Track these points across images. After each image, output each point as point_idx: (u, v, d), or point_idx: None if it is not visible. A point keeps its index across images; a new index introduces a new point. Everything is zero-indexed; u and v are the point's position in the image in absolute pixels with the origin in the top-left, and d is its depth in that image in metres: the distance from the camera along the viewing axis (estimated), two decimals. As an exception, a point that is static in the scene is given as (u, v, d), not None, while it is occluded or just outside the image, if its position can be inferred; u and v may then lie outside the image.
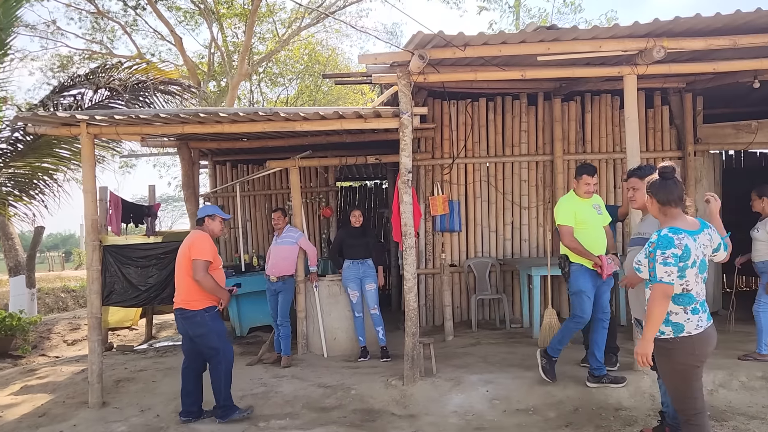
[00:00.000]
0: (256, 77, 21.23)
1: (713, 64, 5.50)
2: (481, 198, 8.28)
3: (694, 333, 3.19)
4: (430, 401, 5.15)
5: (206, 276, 4.81)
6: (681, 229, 3.18)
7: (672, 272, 3.12)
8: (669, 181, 3.28)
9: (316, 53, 21.50)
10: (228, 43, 19.14)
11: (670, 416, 4.10)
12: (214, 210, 5.18)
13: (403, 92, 5.37)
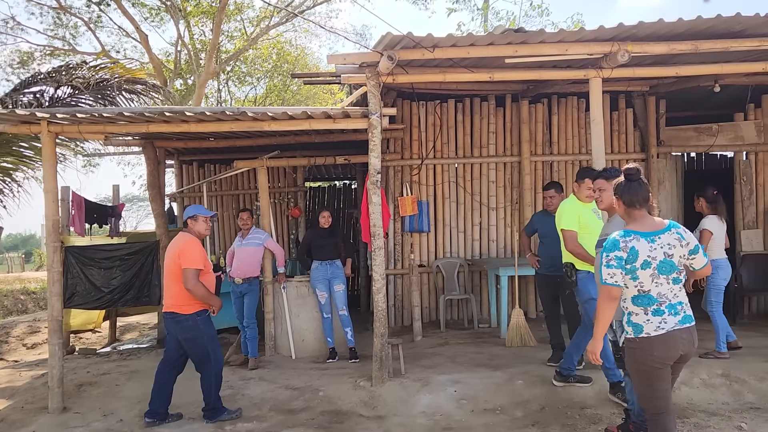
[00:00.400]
0: (224, 76, 20.99)
1: (675, 68, 5.62)
2: (450, 199, 8.32)
3: (653, 334, 3.22)
4: (399, 402, 5.15)
5: (197, 285, 4.77)
6: (632, 231, 3.24)
7: (615, 274, 3.21)
8: (634, 183, 3.33)
9: (285, 52, 21.36)
10: (195, 41, 18.89)
11: (635, 413, 4.18)
12: (196, 210, 5.08)
13: (372, 93, 5.37)
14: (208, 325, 4.95)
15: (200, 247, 4.92)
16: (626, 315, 3.34)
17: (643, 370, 3.28)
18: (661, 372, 3.27)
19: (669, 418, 3.33)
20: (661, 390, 3.29)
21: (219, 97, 21.62)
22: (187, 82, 20.22)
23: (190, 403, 5.34)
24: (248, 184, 9.69)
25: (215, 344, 4.98)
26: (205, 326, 4.91)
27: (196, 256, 4.80)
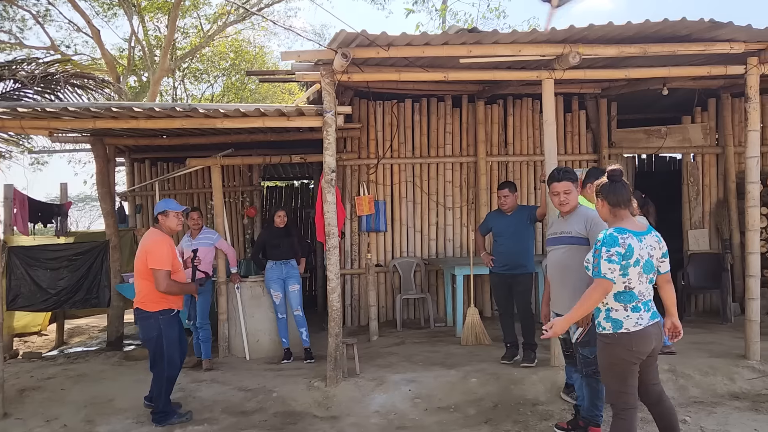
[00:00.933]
0: (180, 73, 20.58)
1: (625, 71, 5.74)
2: (407, 198, 8.33)
3: (632, 330, 3.31)
4: (353, 402, 5.11)
5: (170, 284, 4.69)
6: (626, 230, 3.32)
7: (615, 269, 3.26)
8: (618, 184, 3.42)
9: (243, 51, 21.08)
10: (149, 36, 18.45)
11: (584, 409, 4.24)
12: (166, 205, 4.93)
13: (326, 91, 5.32)
14: (171, 326, 4.82)
15: (168, 246, 4.77)
16: (604, 311, 3.39)
17: (618, 364, 3.35)
18: (634, 367, 3.36)
19: (636, 414, 3.42)
20: (632, 386, 3.38)
21: (174, 95, 21.19)
22: (142, 79, 19.75)
23: (140, 406, 5.20)
24: (202, 183, 9.51)
25: (174, 347, 4.84)
26: (167, 327, 4.79)
27: (163, 256, 4.69)
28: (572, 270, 4.12)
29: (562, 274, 4.22)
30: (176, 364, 4.90)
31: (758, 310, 5.55)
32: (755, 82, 5.52)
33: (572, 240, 4.18)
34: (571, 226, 4.21)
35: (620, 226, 3.37)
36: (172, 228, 4.89)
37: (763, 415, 4.52)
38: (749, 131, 5.52)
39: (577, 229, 4.16)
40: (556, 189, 4.23)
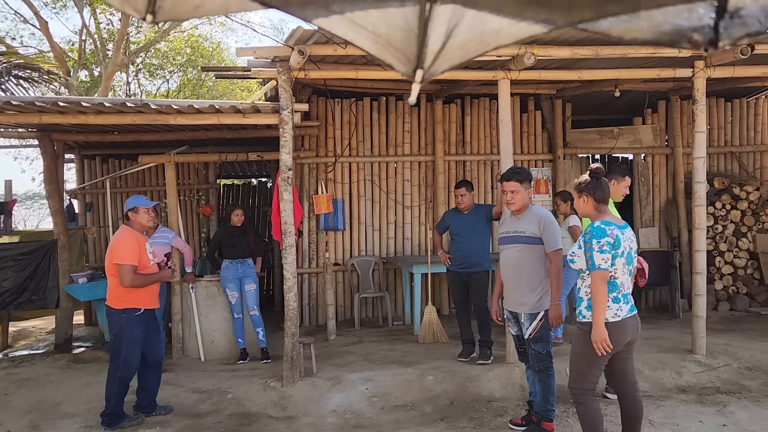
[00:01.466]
0: (134, 68, 20.09)
1: (579, 72, 5.85)
2: (365, 197, 8.32)
3: (611, 320, 3.41)
4: (310, 401, 5.08)
5: (135, 279, 4.59)
6: (611, 222, 3.45)
7: (608, 259, 3.38)
8: (601, 181, 3.54)
9: (200, 47, 20.70)
10: (101, 30, 17.94)
11: (537, 404, 4.31)
12: (136, 201, 4.83)
13: (283, 88, 5.26)
14: (134, 326, 4.68)
15: (134, 242, 4.67)
16: (586, 300, 3.50)
17: (593, 353, 3.42)
18: (606, 358, 3.46)
19: (594, 397, 3.55)
20: (596, 375, 3.52)
21: (128, 91, 20.67)
22: (93, 73, 19.20)
23: (89, 409, 5.05)
24: (156, 181, 9.30)
25: (133, 349, 4.71)
26: (129, 327, 4.66)
27: (128, 252, 4.60)
28: (527, 268, 4.23)
29: (516, 272, 4.29)
30: (131, 366, 4.75)
31: (704, 306, 5.74)
32: (702, 85, 5.70)
33: (527, 239, 4.25)
34: (525, 226, 4.27)
35: (606, 219, 3.49)
36: (143, 224, 4.84)
37: (707, 407, 4.67)
38: (696, 133, 5.70)
39: (531, 229, 4.24)
40: (504, 188, 4.32)
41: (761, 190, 8.42)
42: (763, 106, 9.05)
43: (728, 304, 8.28)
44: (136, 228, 4.80)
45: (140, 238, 4.77)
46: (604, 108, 9.34)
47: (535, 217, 4.26)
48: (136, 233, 4.77)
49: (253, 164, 11.35)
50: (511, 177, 4.30)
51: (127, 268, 4.57)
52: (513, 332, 4.46)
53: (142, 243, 4.74)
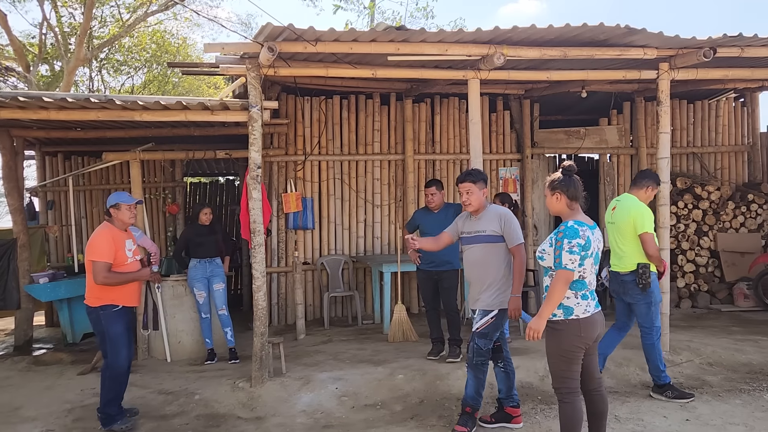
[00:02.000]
0: (97, 63, 19.64)
1: (547, 73, 5.92)
2: (335, 195, 8.28)
3: (581, 317, 3.46)
4: (279, 402, 5.03)
5: (108, 276, 4.49)
6: (584, 223, 3.47)
7: (575, 260, 3.40)
8: (573, 178, 3.55)
9: (166, 42, 20.34)
10: (63, 24, 17.48)
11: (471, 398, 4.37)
12: (117, 198, 4.70)
13: (252, 85, 5.20)
14: (113, 323, 4.57)
15: (110, 239, 4.56)
16: None
17: (568, 350, 3.48)
18: (581, 353, 3.51)
19: (579, 397, 3.55)
20: (576, 371, 3.53)
21: (91, 86, 20.20)
22: (54, 68, 18.72)
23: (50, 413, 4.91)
24: (120, 178, 9.10)
25: (117, 345, 4.58)
26: (109, 323, 4.56)
27: (103, 249, 4.51)
28: (491, 267, 4.29)
29: (480, 271, 4.34)
30: (119, 363, 4.61)
31: (668, 303, 5.86)
32: (666, 87, 5.82)
33: (488, 238, 4.30)
34: (486, 225, 4.32)
35: (577, 219, 3.50)
36: (125, 221, 4.71)
37: (671, 403, 4.76)
38: (660, 133, 5.82)
39: (492, 228, 4.29)
40: (459, 190, 4.39)
41: (722, 189, 8.65)
42: (724, 108, 9.29)
43: (690, 301, 8.49)
44: (117, 225, 4.68)
45: (118, 236, 4.65)
46: (571, 109, 9.48)
47: (495, 216, 4.32)
48: (115, 230, 4.66)
49: (220, 162, 11.22)
50: (464, 178, 4.36)
51: (100, 266, 4.49)
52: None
53: (119, 240, 4.63)
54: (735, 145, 9.29)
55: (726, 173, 9.20)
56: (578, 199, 3.56)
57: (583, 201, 3.62)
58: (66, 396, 5.37)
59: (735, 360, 5.64)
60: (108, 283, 4.52)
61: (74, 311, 7.35)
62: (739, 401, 4.75)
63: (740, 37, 5.32)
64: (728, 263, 8.57)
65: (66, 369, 6.30)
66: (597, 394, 3.65)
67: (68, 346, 7.33)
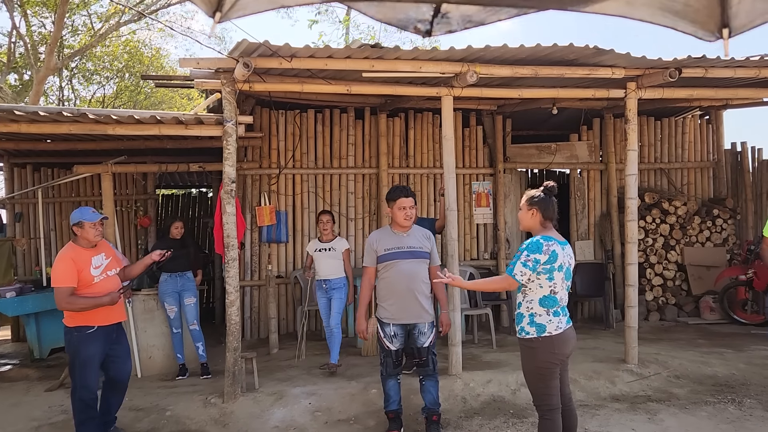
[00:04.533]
0: (68, 73, 19.38)
1: (518, 91, 6.03)
2: (309, 209, 8.29)
3: (554, 333, 3.51)
4: (252, 417, 5.00)
5: (70, 302, 4.29)
6: (552, 237, 3.55)
7: (525, 273, 3.49)
8: (552, 199, 3.66)
9: (139, 52, 20.16)
10: (33, 32, 17.23)
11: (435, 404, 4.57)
12: (81, 215, 4.46)
13: (227, 100, 5.21)
14: (87, 345, 4.37)
15: (71, 262, 4.33)
16: (528, 316, 3.56)
17: (542, 367, 3.53)
18: (556, 369, 3.56)
19: (559, 414, 3.59)
20: (554, 387, 3.57)
21: (61, 95, 19.91)
22: (23, 77, 18.43)
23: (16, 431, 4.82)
24: (91, 191, 8.98)
25: (88, 368, 4.40)
26: (82, 345, 4.37)
27: (63, 273, 4.30)
28: (424, 281, 4.48)
29: (415, 285, 4.43)
30: (89, 386, 4.42)
31: (636, 317, 5.98)
32: (633, 105, 5.98)
33: (421, 254, 4.49)
34: (417, 242, 4.50)
35: (549, 234, 3.59)
36: (90, 239, 4.46)
37: (639, 415, 4.86)
38: (628, 150, 5.96)
39: (424, 244, 4.51)
40: (404, 204, 4.45)
41: (688, 204, 8.86)
42: (690, 125, 9.54)
43: (658, 314, 8.66)
44: (81, 244, 4.47)
45: (82, 255, 4.43)
46: (543, 124, 9.64)
47: (423, 234, 4.56)
48: (78, 250, 4.45)
49: (193, 174, 11.14)
50: (409, 194, 4.51)
51: (61, 291, 4.29)
52: (394, 347, 4.48)
53: (83, 260, 4.41)
54: (700, 161, 9.54)
55: (692, 188, 9.44)
56: (552, 219, 3.67)
57: (555, 221, 3.72)
58: (33, 413, 5.27)
59: (701, 372, 5.77)
60: (71, 308, 4.33)
61: (42, 326, 7.22)
62: (704, 413, 4.87)
63: (704, 59, 5.50)
64: (695, 277, 8.78)
65: (33, 385, 6.17)
66: (566, 409, 3.71)
67: (35, 361, 7.19)
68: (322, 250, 6.39)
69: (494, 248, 8.81)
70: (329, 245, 6.40)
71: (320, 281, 6.40)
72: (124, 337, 4.76)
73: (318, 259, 6.39)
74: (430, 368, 4.49)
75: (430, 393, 4.55)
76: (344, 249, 6.44)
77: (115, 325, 4.58)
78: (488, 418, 4.88)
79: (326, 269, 6.36)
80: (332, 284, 6.36)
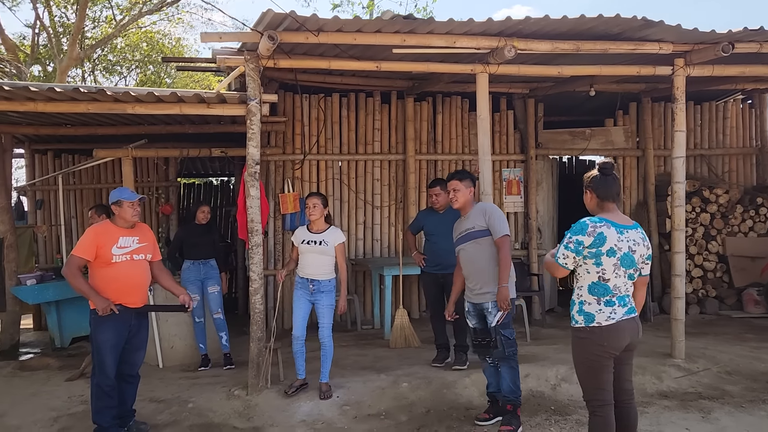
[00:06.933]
0: (90, 64, 19.36)
1: (558, 68, 5.68)
2: (333, 196, 8.02)
3: (604, 324, 3.23)
4: (277, 411, 4.76)
5: (72, 274, 4.17)
6: (604, 219, 3.26)
7: (567, 256, 3.25)
8: (609, 177, 3.37)
9: (159, 43, 20.09)
10: (56, 23, 17.21)
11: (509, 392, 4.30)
12: (119, 194, 4.36)
13: (251, 77, 4.94)
14: (104, 329, 4.20)
15: (93, 235, 4.24)
16: (578, 303, 3.33)
17: (592, 359, 3.28)
18: (608, 363, 3.28)
19: (611, 411, 3.32)
20: (606, 381, 3.30)
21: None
22: (47, 68, 18.43)
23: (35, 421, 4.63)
24: (112, 177, 8.81)
25: (104, 352, 4.21)
26: (97, 328, 4.22)
27: (83, 243, 4.23)
28: (484, 260, 4.35)
29: (475, 265, 4.38)
30: (105, 372, 4.23)
31: (683, 309, 5.64)
32: (681, 83, 5.60)
33: (477, 234, 4.40)
34: (473, 222, 4.43)
35: (605, 216, 3.30)
36: (127, 219, 4.33)
37: (692, 414, 4.52)
38: (676, 132, 5.60)
39: (479, 223, 4.39)
40: (448, 188, 4.59)
41: (730, 193, 8.43)
42: (732, 109, 9.10)
43: (698, 307, 8.25)
44: (118, 223, 4.35)
45: (109, 233, 4.28)
46: (576, 109, 9.28)
47: (480, 211, 4.45)
48: (110, 227, 4.33)
49: (215, 162, 10.96)
50: (451, 177, 4.57)
51: (70, 260, 4.23)
52: (471, 324, 4.50)
53: (109, 237, 4.25)
54: (743, 147, 9.10)
55: (734, 176, 9.00)
56: (610, 198, 3.37)
57: (618, 200, 3.42)
58: (52, 403, 5.09)
59: (754, 369, 5.41)
60: (67, 278, 4.25)
61: (63, 314, 7.07)
62: (763, 413, 4.51)
63: (761, 32, 5.11)
64: (737, 268, 8.35)
65: (53, 375, 6.01)
66: (626, 407, 3.41)
67: (56, 350, 7.05)
68: (310, 243, 5.02)
69: (525, 238, 8.48)
70: (320, 237, 5.02)
71: (304, 280, 5.06)
72: (144, 328, 4.55)
73: (305, 253, 5.06)
74: (500, 350, 4.22)
75: (504, 378, 4.34)
76: (338, 243, 5.07)
77: (133, 312, 4.35)
78: (528, 414, 4.58)
79: (313, 266, 5.03)
80: (321, 286, 5.03)
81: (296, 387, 5.03)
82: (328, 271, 5.06)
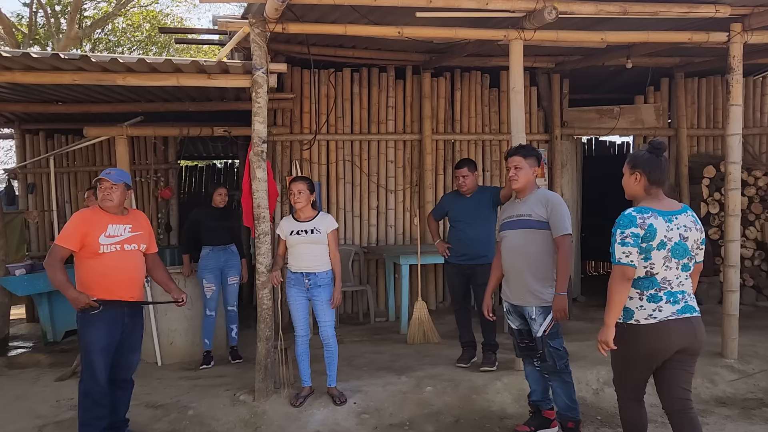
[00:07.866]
0: (90, 44, 18.76)
1: (602, 34, 5.07)
2: (345, 179, 7.48)
3: (643, 323, 2.87)
4: (287, 419, 4.25)
5: (51, 265, 3.68)
6: (649, 209, 2.88)
7: (631, 253, 2.85)
8: (662, 159, 2.98)
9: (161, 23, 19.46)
10: (54, 2, 16.62)
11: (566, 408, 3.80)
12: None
13: (257, 43, 4.37)
14: (93, 329, 3.71)
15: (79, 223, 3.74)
16: None
17: (627, 358, 2.99)
18: (648, 364, 2.95)
19: (641, 405, 3.11)
20: (639, 381, 3.06)
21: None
22: (46, 49, 17.85)
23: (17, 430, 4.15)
24: (107, 159, 8.27)
25: (93, 355, 3.71)
26: (86, 328, 3.73)
27: (64, 232, 3.74)
28: (534, 255, 3.76)
29: (522, 260, 3.79)
30: (95, 378, 3.73)
31: (737, 303, 5.09)
32: (738, 51, 5.01)
33: (532, 224, 3.77)
34: (531, 209, 3.79)
35: (649, 204, 2.91)
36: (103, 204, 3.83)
37: (758, 426, 4.01)
38: (731, 105, 5.02)
39: (538, 212, 3.76)
40: (508, 164, 3.94)
41: (770, 175, 7.85)
42: (771, 85, 8.49)
43: (735, 297, 7.70)
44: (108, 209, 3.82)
45: (97, 219, 3.77)
46: (602, 85, 8.71)
47: (542, 199, 3.82)
48: (98, 212, 3.80)
49: (218, 143, 10.38)
50: (515, 152, 3.93)
51: (52, 250, 3.74)
52: (514, 326, 3.93)
53: (96, 225, 3.74)
54: (782, 126, 8.50)
55: (773, 157, 8.41)
56: (661, 184, 2.97)
57: (667, 187, 2.92)
58: (38, 409, 4.59)
59: (817, 370, 4.88)
60: (46, 269, 3.76)
61: (55, 307, 6.59)
62: (841, 424, 4.00)
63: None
64: (777, 256, 7.80)
65: (43, 374, 5.53)
66: (679, 415, 3.00)
67: (48, 344, 6.59)
68: (300, 233, 4.44)
69: (549, 223, 7.92)
70: (310, 225, 4.45)
71: (299, 275, 4.53)
72: (139, 326, 4.03)
73: (295, 245, 4.48)
74: (549, 364, 3.72)
75: (558, 395, 3.83)
76: (331, 230, 4.50)
77: (126, 309, 3.83)
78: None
79: (307, 258, 4.48)
80: (317, 280, 4.49)
81: (303, 397, 4.49)
82: (323, 262, 4.50)
